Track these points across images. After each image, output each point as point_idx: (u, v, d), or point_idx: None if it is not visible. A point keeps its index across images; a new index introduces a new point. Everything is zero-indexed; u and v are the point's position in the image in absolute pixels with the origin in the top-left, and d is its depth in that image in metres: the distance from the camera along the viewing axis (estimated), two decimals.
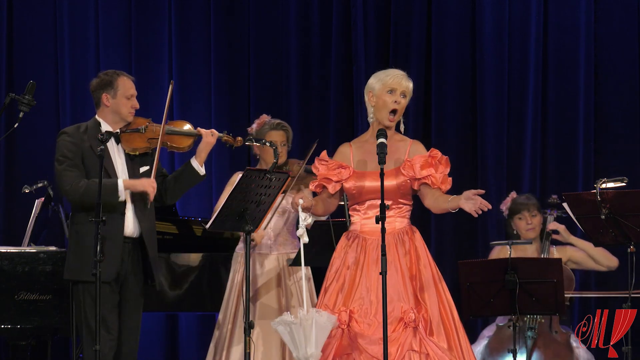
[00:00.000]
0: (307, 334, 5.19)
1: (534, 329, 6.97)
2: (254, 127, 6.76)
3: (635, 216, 6.04)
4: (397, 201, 5.46)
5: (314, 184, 5.59)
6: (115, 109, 5.97)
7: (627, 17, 8.65)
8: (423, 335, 5.28)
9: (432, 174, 5.48)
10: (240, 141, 6.14)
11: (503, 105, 8.71)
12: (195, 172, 6.05)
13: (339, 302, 5.36)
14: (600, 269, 7.31)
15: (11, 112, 8.08)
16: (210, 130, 6.08)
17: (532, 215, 7.32)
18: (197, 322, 8.80)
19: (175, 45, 8.99)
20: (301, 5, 8.97)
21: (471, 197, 5.27)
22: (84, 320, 5.85)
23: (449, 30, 8.81)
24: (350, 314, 5.32)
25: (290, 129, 6.77)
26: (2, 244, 8.20)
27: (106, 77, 6.01)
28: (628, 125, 8.63)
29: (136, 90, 6.04)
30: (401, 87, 5.51)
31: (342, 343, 5.31)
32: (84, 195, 5.81)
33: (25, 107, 5.93)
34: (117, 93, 5.96)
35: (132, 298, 5.96)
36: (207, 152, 6.07)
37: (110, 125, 5.98)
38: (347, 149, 5.58)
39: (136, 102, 6.01)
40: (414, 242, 5.47)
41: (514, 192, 7.56)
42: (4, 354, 8.39)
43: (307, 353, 5.18)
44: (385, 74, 5.54)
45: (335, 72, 8.93)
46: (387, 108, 5.50)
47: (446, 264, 8.49)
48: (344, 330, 5.32)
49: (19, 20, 8.95)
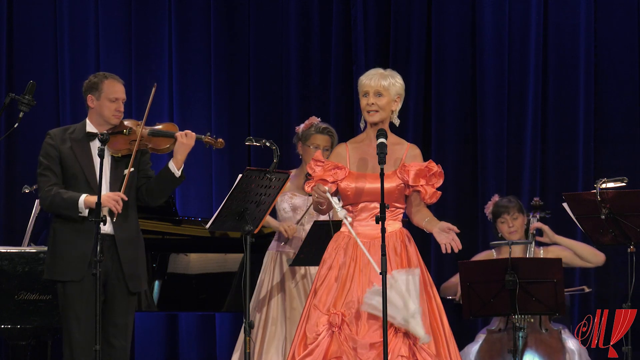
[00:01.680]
0: (403, 293, 5.16)
1: (523, 328, 6.96)
2: (302, 127, 6.80)
3: (635, 216, 6.04)
4: (392, 204, 5.44)
5: (309, 184, 5.55)
6: (98, 110, 5.95)
7: (627, 17, 8.65)
8: (412, 342, 5.27)
9: (423, 185, 5.47)
10: (222, 143, 6.08)
11: (503, 105, 8.71)
12: (172, 174, 5.96)
13: (329, 304, 5.34)
14: (587, 265, 7.33)
15: (11, 112, 8.08)
16: (185, 131, 5.99)
17: (514, 218, 7.32)
18: (197, 322, 8.80)
19: (175, 45, 8.98)
20: (301, 5, 8.97)
21: (445, 230, 5.31)
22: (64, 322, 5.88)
23: (449, 30, 8.81)
24: (342, 317, 5.30)
25: (336, 134, 6.78)
26: (2, 244, 8.20)
27: (94, 79, 5.99)
28: (628, 125, 8.63)
29: (125, 95, 6.00)
30: (372, 88, 5.45)
31: (332, 347, 5.28)
32: (50, 206, 5.87)
33: (25, 107, 5.92)
34: (100, 95, 5.93)
35: (117, 296, 5.90)
36: (182, 153, 5.96)
37: (96, 127, 5.96)
38: (344, 149, 5.56)
39: (121, 105, 5.97)
40: (405, 246, 5.45)
41: (497, 195, 7.59)
42: (4, 354, 8.39)
43: (410, 310, 5.16)
44: (363, 76, 5.52)
45: (335, 72, 8.93)
46: (365, 110, 5.50)
47: (446, 264, 8.50)
48: (334, 332, 5.29)
49: (19, 20, 8.94)
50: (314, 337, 5.30)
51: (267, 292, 6.67)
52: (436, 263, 8.58)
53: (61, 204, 5.82)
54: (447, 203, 8.43)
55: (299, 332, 5.39)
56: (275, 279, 6.68)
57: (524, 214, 7.36)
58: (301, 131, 6.76)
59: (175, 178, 5.97)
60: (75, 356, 5.81)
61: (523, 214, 7.35)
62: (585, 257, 7.22)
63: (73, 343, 5.81)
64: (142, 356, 8.92)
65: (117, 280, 5.90)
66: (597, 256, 7.23)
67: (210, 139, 6.08)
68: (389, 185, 5.42)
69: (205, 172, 8.82)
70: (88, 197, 5.80)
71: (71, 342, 5.82)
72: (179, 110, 8.94)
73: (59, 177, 5.89)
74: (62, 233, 5.90)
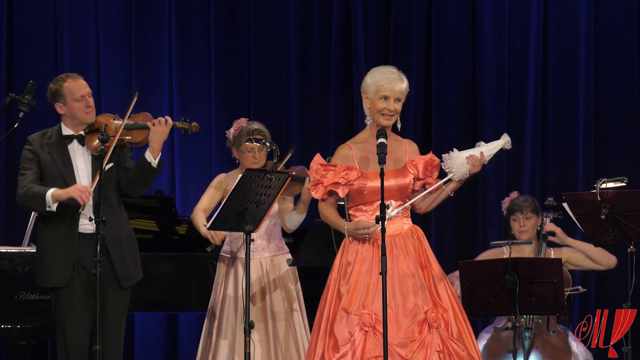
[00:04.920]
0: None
1: (530, 329, 6.97)
2: (232, 132, 6.57)
3: (635, 216, 6.04)
4: (405, 200, 5.47)
5: (316, 190, 5.51)
6: (70, 114, 5.95)
7: (627, 17, 8.65)
8: (445, 336, 5.28)
9: (430, 176, 5.51)
10: (196, 127, 6.03)
11: (503, 105, 8.71)
12: (148, 164, 5.88)
13: (358, 305, 5.31)
14: (599, 268, 7.30)
15: (11, 112, 8.08)
16: (158, 118, 5.91)
17: (526, 217, 7.28)
18: (197, 322, 8.80)
19: (175, 45, 8.99)
20: (301, 5, 8.97)
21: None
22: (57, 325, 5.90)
23: (449, 30, 8.81)
24: (375, 317, 5.27)
25: (267, 132, 6.53)
26: (2, 244, 8.21)
27: (53, 86, 5.98)
28: (628, 125, 8.63)
29: (88, 87, 5.96)
30: (395, 94, 5.41)
31: (368, 346, 5.25)
32: (23, 200, 5.88)
33: (25, 107, 5.93)
34: (66, 100, 5.93)
35: (108, 294, 5.88)
36: (158, 142, 5.88)
37: (72, 129, 5.95)
38: (348, 151, 5.51)
39: (89, 100, 5.94)
40: (421, 241, 5.47)
41: (515, 192, 7.53)
42: (4, 354, 8.40)
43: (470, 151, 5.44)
44: (381, 76, 5.42)
45: (335, 72, 8.93)
46: (381, 114, 5.46)
47: (446, 264, 8.47)
48: (368, 332, 5.27)
49: (19, 20, 8.95)
50: (347, 339, 5.25)
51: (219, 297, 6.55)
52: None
53: (31, 197, 5.80)
54: (447, 202, 8.41)
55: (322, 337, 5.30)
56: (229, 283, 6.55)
57: (538, 216, 7.30)
58: (232, 137, 6.59)
59: (152, 168, 5.89)
60: (71, 357, 5.81)
61: (537, 216, 7.28)
62: (597, 259, 7.19)
63: (68, 345, 5.83)
64: (142, 356, 8.92)
65: (110, 278, 5.90)
66: (610, 259, 7.19)
67: (184, 124, 6.03)
68: (404, 181, 5.44)
69: (205, 172, 8.82)
70: (56, 191, 5.76)
71: (66, 344, 5.84)
72: (179, 110, 8.94)
73: (37, 177, 5.88)
74: (45, 239, 5.91)
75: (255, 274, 6.43)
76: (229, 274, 6.49)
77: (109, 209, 5.85)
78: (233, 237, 6.51)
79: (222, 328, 6.42)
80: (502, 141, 5.54)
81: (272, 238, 6.55)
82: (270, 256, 6.53)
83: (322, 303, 5.43)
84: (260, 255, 6.51)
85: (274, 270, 6.50)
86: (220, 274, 6.53)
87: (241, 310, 6.33)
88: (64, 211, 5.83)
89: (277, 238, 6.58)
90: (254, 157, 6.45)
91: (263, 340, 6.33)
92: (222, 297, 6.46)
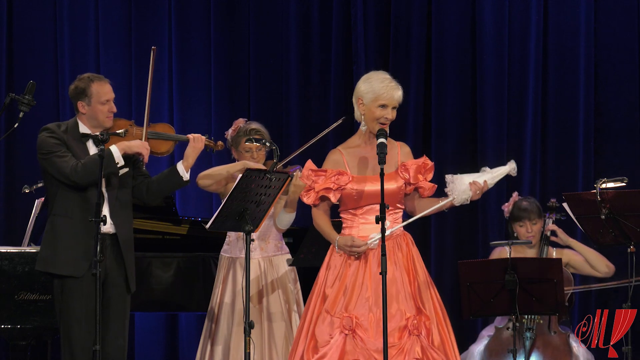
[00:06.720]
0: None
1: (532, 329, 6.96)
2: (230, 133, 6.58)
3: (635, 216, 6.04)
4: (395, 205, 5.45)
5: (308, 196, 5.52)
6: (91, 115, 5.93)
7: (627, 17, 8.65)
8: (426, 344, 5.28)
9: (422, 180, 5.49)
10: (221, 145, 6.15)
11: (503, 105, 8.71)
12: (180, 177, 6.00)
13: (340, 308, 5.33)
14: (597, 274, 7.25)
15: (11, 112, 8.08)
16: (193, 135, 6.05)
17: (533, 223, 7.24)
18: (197, 322, 8.80)
19: (175, 45, 8.99)
20: (301, 5, 8.97)
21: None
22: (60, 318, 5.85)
23: (449, 30, 8.81)
24: (356, 320, 5.28)
25: (266, 132, 6.54)
26: (2, 244, 8.21)
27: (80, 84, 5.95)
28: (628, 125, 8.62)
29: (114, 93, 5.98)
30: (393, 102, 5.43)
31: (346, 348, 5.27)
32: (84, 171, 5.74)
33: (25, 107, 5.92)
34: (91, 100, 5.91)
35: (116, 296, 5.89)
36: (194, 157, 6.04)
37: (90, 129, 5.94)
38: (339, 155, 5.52)
39: (113, 106, 5.96)
40: (409, 247, 5.46)
41: (516, 194, 7.49)
42: (4, 354, 8.40)
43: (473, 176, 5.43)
44: (380, 84, 5.42)
45: (335, 72, 8.93)
46: (378, 121, 5.46)
47: (446, 264, 8.50)
48: (347, 335, 5.28)
49: (19, 20, 8.95)
50: (326, 340, 5.28)
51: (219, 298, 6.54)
52: (436, 263, 8.59)
53: (94, 161, 5.70)
54: None
55: (304, 338, 5.35)
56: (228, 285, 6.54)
57: (542, 218, 7.28)
58: (230, 137, 6.60)
59: (182, 181, 6.02)
60: (76, 356, 5.79)
61: (541, 218, 7.27)
62: (595, 265, 7.15)
63: (73, 343, 5.79)
64: (142, 356, 8.92)
65: (118, 279, 5.89)
66: (608, 267, 7.14)
67: (210, 142, 6.14)
68: (393, 186, 5.42)
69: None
70: (121, 144, 5.80)
71: (71, 343, 5.79)
72: (179, 110, 8.94)
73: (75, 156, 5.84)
74: (64, 227, 5.84)
75: (252, 274, 6.43)
76: (227, 275, 6.49)
77: (123, 210, 5.90)
78: (233, 237, 6.52)
79: (218, 331, 6.42)
80: (507, 167, 5.53)
81: (269, 238, 6.54)
82: (269, 256, 6.53)
83: (307, 303, 5.48)
84: (259, 255, 6.51)
85: (273, 270, 6.50)
86: (220, 275, 6.53)
87: (238, 312, 6.34)
88: (85, 204, 5.79)
89: (277, 238, 6.57)
90: (252, 157, 6.45)
91: (258, 341, 6.33)
92: (219, 300, 6.46)
